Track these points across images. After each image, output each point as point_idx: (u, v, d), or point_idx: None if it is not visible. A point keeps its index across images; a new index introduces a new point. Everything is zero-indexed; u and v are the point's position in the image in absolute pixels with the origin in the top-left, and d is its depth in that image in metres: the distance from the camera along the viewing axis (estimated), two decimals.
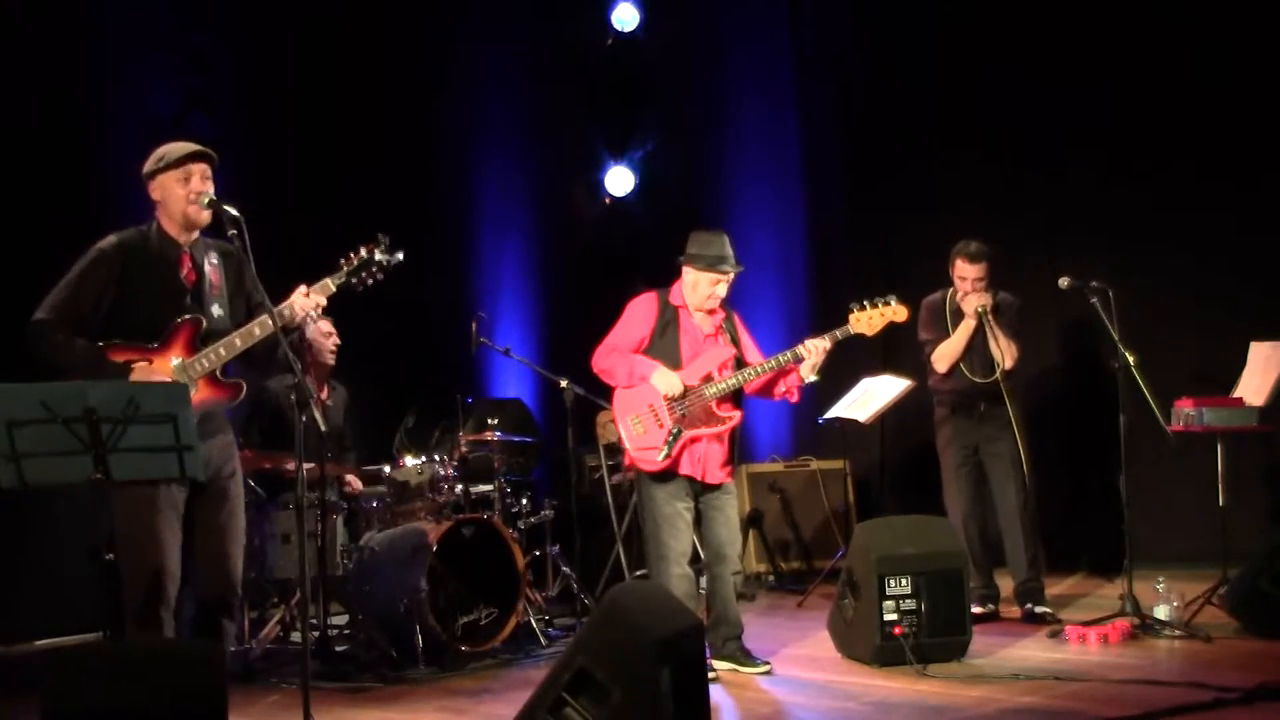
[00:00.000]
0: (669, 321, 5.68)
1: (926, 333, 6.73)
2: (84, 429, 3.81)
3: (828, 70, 9.23)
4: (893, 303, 5.57)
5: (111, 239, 4.55)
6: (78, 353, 4.38)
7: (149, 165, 4.59)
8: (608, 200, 9.63)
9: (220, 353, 4.49)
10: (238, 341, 4.50)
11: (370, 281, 4.66)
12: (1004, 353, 6.52)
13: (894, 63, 8.73)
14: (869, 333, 5.58)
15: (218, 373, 4.52)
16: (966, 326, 6.56)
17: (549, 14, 9.14)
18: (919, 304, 6.64)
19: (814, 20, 9.25)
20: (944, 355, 6.62)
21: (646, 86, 9.53)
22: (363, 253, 4.65)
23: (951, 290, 6.69)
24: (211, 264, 4.66)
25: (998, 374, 6.54)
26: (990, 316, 6.49)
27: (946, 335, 6.64)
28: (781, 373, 5.65)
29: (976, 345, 6.58)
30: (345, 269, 4.64)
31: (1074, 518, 7.96)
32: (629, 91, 9.53)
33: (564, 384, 6.55)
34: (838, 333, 5.57)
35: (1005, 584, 6.71)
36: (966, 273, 6.55)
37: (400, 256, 4.68)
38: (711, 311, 5.71)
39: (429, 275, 8.26)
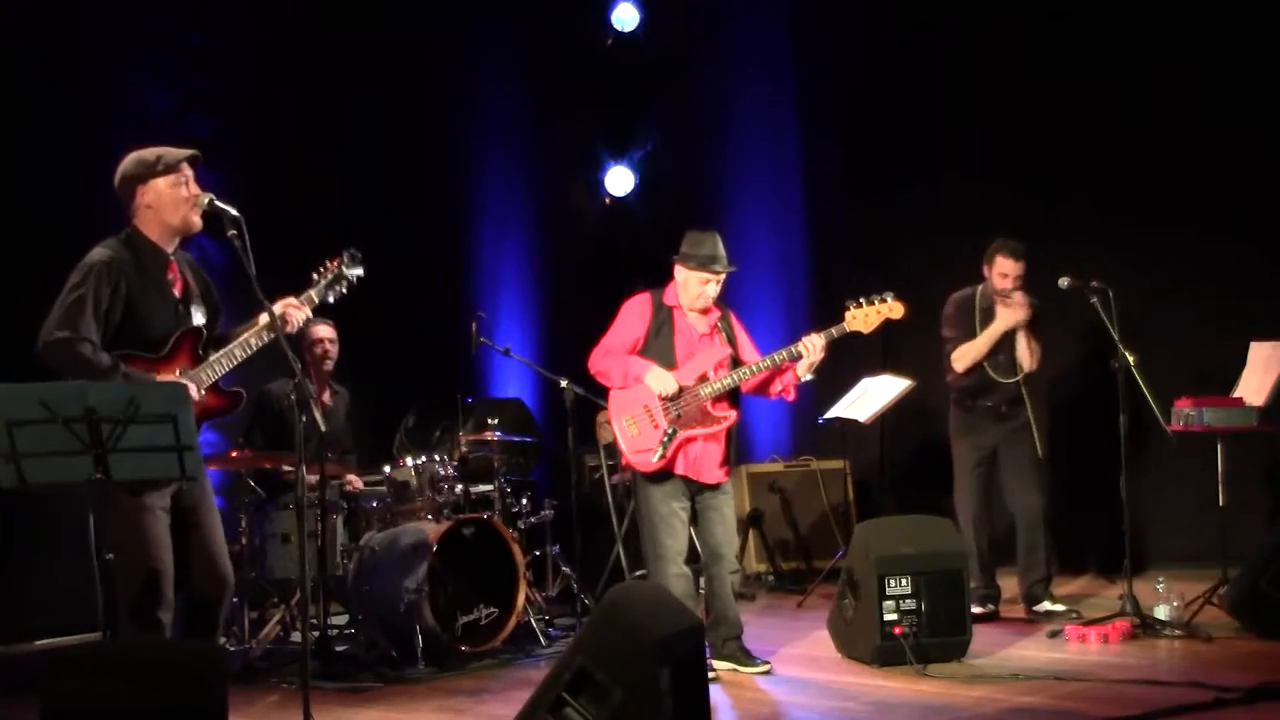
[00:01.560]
0: (664, 322, 5.67)
1: (951, 330, 6.67)
2: (84, 429, 3.81)
3: (828, 70, 9.22)
4: (889, 299, 5.56)
5: (104, 252, 4.41)
6: (104, 368, 4.29)
7: (137, 169, 4.46)
8: (608, 200, 9.62)
9: (223, 364, 4.48)
10: (238, 353, 4.50)
11: (339, 295, 4.73)
12: (1031, 355, 6.51)
13: (893, 62, 8.72)
14: (865, 330, 5.57)
15: (218, 382, 4.52)
16: (995, 332, 6.50)
17: (549, 14, 9.14)
18: (916, 302, 6.57)
19: (814, 20, 9.24)
20: (965, 356, 6.56)
21: (646, 86, 9.53)
22: (333, 266, 4.70)
23: (981, 288, 6.64)
24: (187, 272, 4.64)
25: (1020, 375, 6.52)
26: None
27: (972, 334, 6.58)
28: (778, 371, 5.64)
29: (1003, 346, 6.54)
30: (321, 283, 4.70)
31: (1074, 518, 7.95)
32: (629, 91, 9.53)
33: (564, 384, 6.55)
34: (834, 330, 5.57)
35: (1005, 584, 6.70)
36: (1010, 270, 6.49)
37: (360, 272, 4.73)
38: (706, 311, 5.70)
39: (429, 275, 8.29)
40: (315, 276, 4.69)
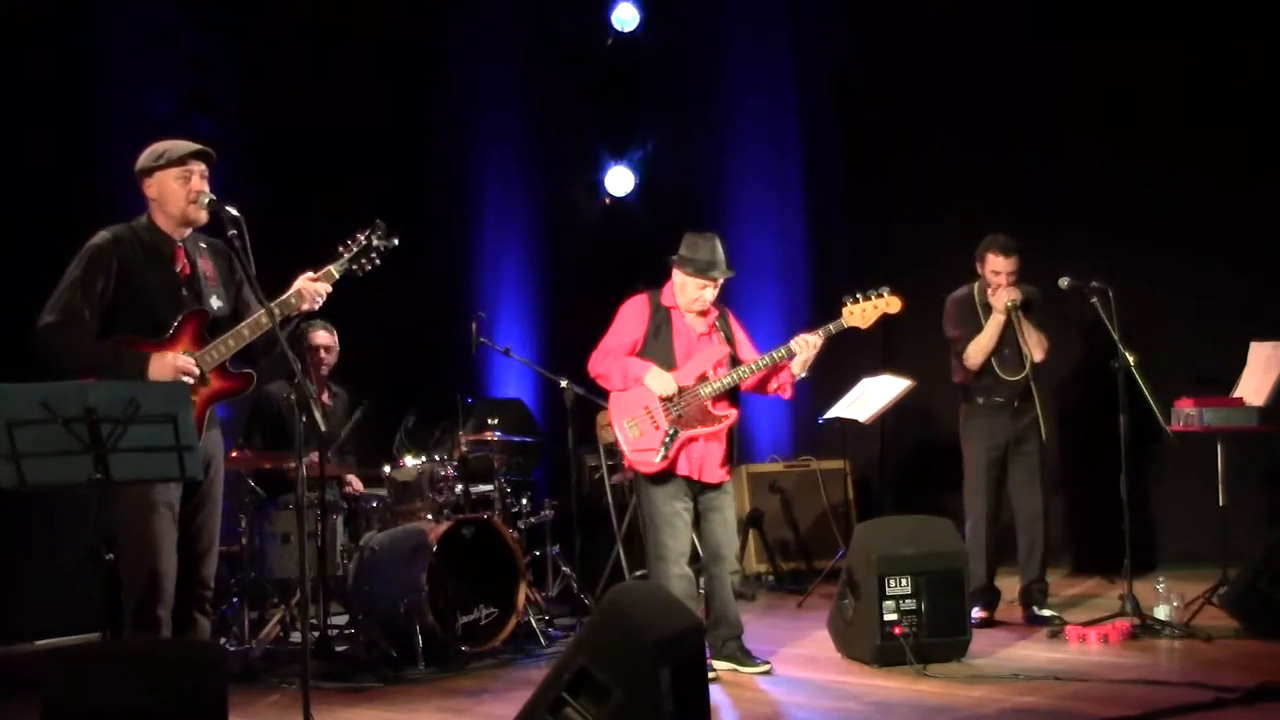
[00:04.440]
0: (662, 323, 5.67)
1: (955, 329, 6.59)
2: (84, 429, 3.81)
3: (828, 70, 9.23)
4: (885, 294, 5.56)
5: (105, 234, 4.54)
6: (95, 350, 4.37)
7: (145, 161, 4.58)
8: (608, 200, 9.63)
9: (230, 344, 4.50)
10: (245, 333, 4.51)
11: (369, 267, 4.71)
12: (1033, 347, 6.44)
13: (893, 63, 8.73)
14: (863, 325, 5.58)
15: (226, 364, 4.53)
16: (996, 321, 6.41)
17: (549, 14, 9.15)
18: (916, 302, 6.55)
19: (814, 20, 9.25)
20: (977, 351, 6.46)
21: (646, 86, 9.53)
22: (361, 239, 4.69)
23: (978, 284, 6.60)
24: (203, 256, 4.66)
25: (1028, 370, 6.49)
26: (1019, 311, 6.41)
27: (978, 331, 6.50)
28: (775, 369, 5.64)
29: (1007, 341, 6.46)
30: (346, 256, 4.67)
31: (1074, 518, 7.96)
32: (629, 91, 9.54)
33: (564, 384, 6.55)
34: (831, 327, 5.58)
35: (1002, 585, 6.69)
36: (1000, 266, 6.40)
37: (395, 241, 4.72)
38: (704, 311, 5.71)
39: (429, 275, 8.29)
40: (340, 250, 4.69)
